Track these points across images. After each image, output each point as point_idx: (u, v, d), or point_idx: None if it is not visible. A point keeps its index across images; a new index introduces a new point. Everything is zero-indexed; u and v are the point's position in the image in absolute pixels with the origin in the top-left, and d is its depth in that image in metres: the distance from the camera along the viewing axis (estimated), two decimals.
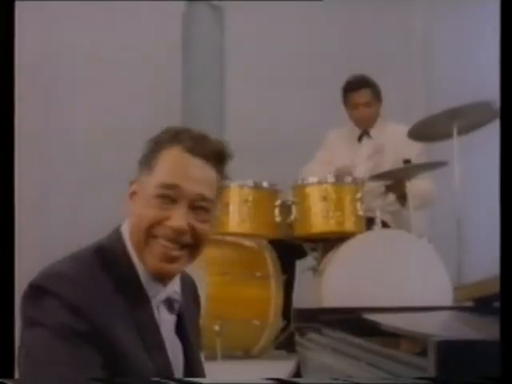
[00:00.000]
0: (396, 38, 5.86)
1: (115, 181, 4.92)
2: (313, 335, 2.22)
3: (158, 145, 1.69)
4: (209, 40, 5.66)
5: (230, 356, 3.98)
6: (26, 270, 1.94)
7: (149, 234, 1.65)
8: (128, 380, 1.60)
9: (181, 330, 1.77)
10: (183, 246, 1.67)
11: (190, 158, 1.66)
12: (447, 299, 3.07)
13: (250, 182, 4.07)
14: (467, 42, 5.67)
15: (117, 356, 1.57)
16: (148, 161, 1.69)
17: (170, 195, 1.64)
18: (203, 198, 1.67)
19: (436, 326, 2.00)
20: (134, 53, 5.25)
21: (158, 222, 1.65)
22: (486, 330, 1.92)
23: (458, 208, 3.91)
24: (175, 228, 1.64)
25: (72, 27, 5.17)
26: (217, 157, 1.70)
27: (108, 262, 1.67)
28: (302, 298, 4.22)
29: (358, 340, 1.82)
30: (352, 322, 2.03)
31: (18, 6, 1.99)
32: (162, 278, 1.69)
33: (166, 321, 1.72)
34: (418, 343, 1.73)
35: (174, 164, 1.66)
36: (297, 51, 5.64)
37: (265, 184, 4.11)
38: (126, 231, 1.70)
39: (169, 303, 1.72)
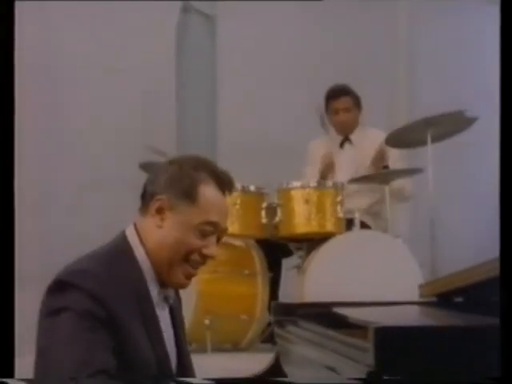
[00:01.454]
0: (381, 44, 5.94)
1: (112, 182, 5.03)
2: (290, 327, 2.33)
3: (194, 178, 1.88)
4: (201, 47, 5.78)
5: (219, 349, 4.09)
6: (25, 271, 2.03)
7: (184, 257, 1.87)
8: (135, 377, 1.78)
9: (173, 321, 1.97)
10: (199, 267, 1.91)
11: (221, 196, 1.90)
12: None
13: (238, 186, 4.16)
14: (452, 49, 5.81)
15: (124, 341, 1.77)
16: (187, 191, 1.87)
17: (210, 230, 1.87)
18: (225, 231, 1.93)
19: (398, 318, 2.10)
20: (132, 58, 5.32)
21: (196, 250, 1.87)
22: (444, 321, 2.04)
23: (431, 210, 4.02)
24: (209, 256, 1.88)
25: (70, 34, 5.18)
26: (231, 190, 1.94)
27: (119, 263, 1.86)
28: (287, 294, 4.37)
29: (329, 331, 1.91)
30: (325, 315, 2.11)
31: (17, 6, 1.96)
32: (174, 287, 1.94)
33: (163, 315, 1.93)
34: None
35: (214, 202, 1.87)
36: (285, 58, 5.72)
37: (252, 188, 4.25)
38: (133, 238, 1.90)
39: (165, 298, 1.93)
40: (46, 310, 1.81)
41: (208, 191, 1.88)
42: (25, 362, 1.96)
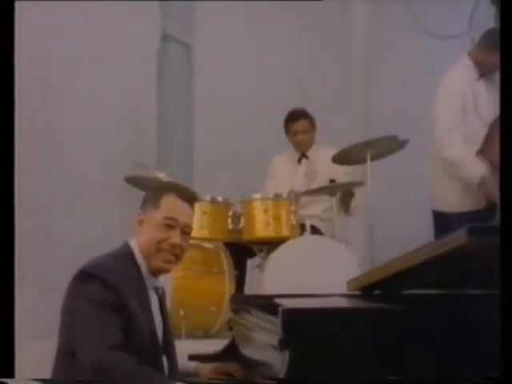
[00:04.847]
0: (340, 71, 6.17)
1: (101, 190, 5.22)
2: (244, 314, 2.69)
3: (159, 193, 2.52)
4: (180, 72, 5.94)
5: (192, 336, 4.32)
6: (25, 274, 2.26)
7: (157, 247, 2.46)
8: None
9: (161, 307, 2.56)
10: (174, 254, 2.48)
11: (180, 202, 2.51)
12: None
13: (208, 197, 4.53)
14: (404, 69, 5.98)
15: (129, 318, 2.32)
16: (154, 202, 2.50)
17: (171, 224, 2.47)
18: (188, 226, 2.53)
19: (312, 304, 2.38)
20: (118, 82, 5.49)
21: (163, 240, 2.46)
22: (349, 305, 2.42)
23: (370, 217, 4.42)
24: (173, 244, 2.47)
25: (63, 60, 5.26)
26: (192, 201, 2.56)
27: (124, 261, 2.43)
28: (251, 289, 4.67)
29: (271, 317, 2.16)
30: (269, 304, 2.34)
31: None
32: (159, 273, 2.51)
33: (154, 300, 2.51)
34: None
35: (172, 205, 2.50)
36: (256, 81, 5.95)
37: (219, 199, 4.58)
38: (133, 244, 2.49)
39: (155, 289, 2.53)
40: (71, 293, 2.34)
41: (169, 199, 2.49)
42: (25, 362, 2.25)
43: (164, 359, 2.50)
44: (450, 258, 1.97)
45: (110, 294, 2.30)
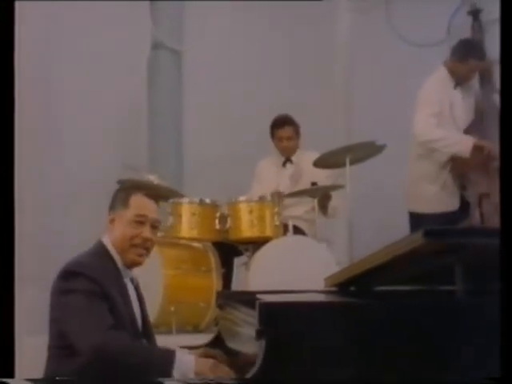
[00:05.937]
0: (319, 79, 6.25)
1: (100, 190, 5.21)
2: (229, 309, 2.80)
3: (128, 192, 2.71)
4: (170, 78, 6.05)
5: (182, 331, 4.44)
6: (25, 274, 2.32)
7: (130, 242, 2.66)
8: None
9: (138, 296, 2.75)
10: (145, 248, 2.68)
11: (147, 200, 2.71)
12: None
13: (196, 199, 4.70)
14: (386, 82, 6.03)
15: (112, 307, 2.51)
16: (123, 202, 2.69)
17: (141, 220, 2.66)
18: (157, 221, 2.72)
19: (288, 299, 2.49)
20: (113, 88, 5.57)
21: (135, 236, 2.65)
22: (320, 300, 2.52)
23: (350, 218, 4.58)
24: (145, 238, 2.67)
25: (62, 68, 5.29)
26: (157, 198, 2.76)
27: (101, 257, 2.62)
28: (238, 286, 4.81)
29: (253, 312, 2.17)
30: (252, 300, 2.31)
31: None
32: (133, 266, 2.69)
33: (131, 290, 2.70)
34: None
35: (141, 203, 2.69)
36: (243, 86, 6.03)
37: (208, 200, 4.73)
38: (107, 241, 2.68)
39: (131, 280, 2.73)
40: (59, 291, 2.53)
41: (137, 198, 2.69)
42: (25, 360, 2.29)
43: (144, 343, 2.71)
44: (412, 258, 2.10)
45: (95, 286, 2.49)
